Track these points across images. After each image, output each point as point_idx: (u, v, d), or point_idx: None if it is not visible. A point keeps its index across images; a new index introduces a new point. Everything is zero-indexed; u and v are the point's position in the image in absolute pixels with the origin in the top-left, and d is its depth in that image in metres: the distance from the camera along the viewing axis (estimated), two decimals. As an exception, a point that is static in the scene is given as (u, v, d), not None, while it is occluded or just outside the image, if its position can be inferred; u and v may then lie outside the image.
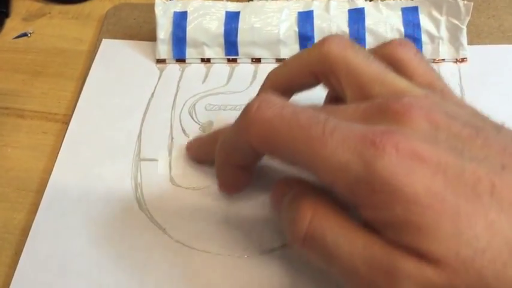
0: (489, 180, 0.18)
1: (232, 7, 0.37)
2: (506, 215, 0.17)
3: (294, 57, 0.27)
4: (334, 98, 0.27)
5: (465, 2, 0.35)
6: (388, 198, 0.18)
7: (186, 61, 0.37)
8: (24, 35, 0.42)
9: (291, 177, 0.25)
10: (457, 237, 0.17)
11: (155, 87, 0.36)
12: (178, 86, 0.36)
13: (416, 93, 0.22)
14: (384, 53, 0.24)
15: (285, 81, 0.27)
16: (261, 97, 0.22)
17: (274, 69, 0.28)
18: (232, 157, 0.26)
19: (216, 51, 0.37)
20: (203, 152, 0.31)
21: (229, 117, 0.33)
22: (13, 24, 0.44)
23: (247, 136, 0.22)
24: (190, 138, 0.33)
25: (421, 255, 0.18)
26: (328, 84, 0.25)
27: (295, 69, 0.26)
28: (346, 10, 0.36)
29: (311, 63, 0.25)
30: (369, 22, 0.36)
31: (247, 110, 0.22)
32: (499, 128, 0.20)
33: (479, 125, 0.20)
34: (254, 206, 0.29)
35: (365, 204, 0.19)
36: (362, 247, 0.19)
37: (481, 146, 0.19)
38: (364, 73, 0.23)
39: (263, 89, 0.29)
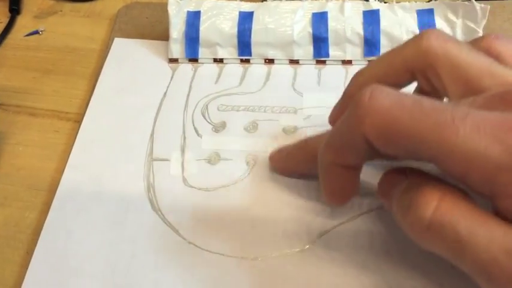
0: None
1: (246, 7, 0.37)
2: None
3: (388, 54, 0.26)
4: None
5: (482, 5, 0.34)
6: None
7: (199, 61, 0.37)
8: (36, 32, 0.42)
9: (405, 167, 0.23)
10: None
11: (167, 87, 0.36)
12: (190, 86, 0.36)
13: None
14: (481, 47, 0.23)
15: (377, 80, 0.25)
16: (370, 87, 0.21)
17: (364, 68, 0.27)
18: (342, 156, 0.23)
19: (229, 52, 0.37)
20: (291, 162, 0.30)
21: (243, 118, 0.33)
22: (24, 21, 0.43)
23: (363, 128, 0.20)
24: (203, 138, 0.33)
25: None
26: (424, 81, 0.24)
27: (390, 66, 0.25)
28: (361, 12, 0.36)
29: (408, 59, 0.24)
30: (383, 24, 0.35)
31: (358, 100, 0.20)
32: None
33: None
34: (269, 208, 0.29)
35: (505, 194, 0.18)
36: (502, 236, 0.18)
37: None
38: (470, 67, 0.22)
39: (353, 86, 0.27)
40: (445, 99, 0.24)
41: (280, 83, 0.36)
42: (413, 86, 0.26)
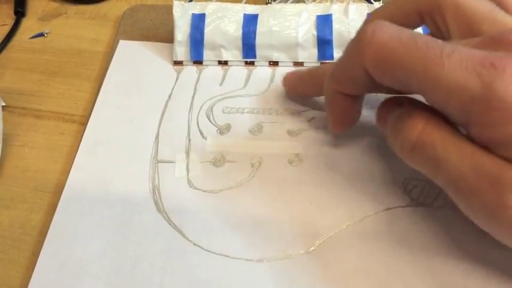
0: None
1: (251, 10, 0.37)
2: None
3: None
4: None
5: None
6: (505, 117, 0.19)
7: (203, 63, 0.37)
8: (41, 35, 0.42)
9: (400, 96, 0.25)
10: None
11: (172, 89, 0.36)
12: (195, 88, 0.36)
13: None
14: None
15: (389, 20, 0.25)
16: (374, 22, 0.23)
17: (377, 9, 0.28)
18: (344, 85, 0.26)
19: (233, 54, 0.37)
20: (302, 84, 0.33)
21: (247, 120, 0.34)
22: (29, 23, 0.44)
23: (362, 59, 0.23)
24: (208, 141, 0.33)
25: None
26: (432, 23, 0.25)
27: (402, 7, 0.26)
28: (365, 14, 0.36)
29: (418, 1, 0.25)
30: (388, 26, 0.35)
31: (361, 34, 0.23)
32: None
33: None
34: (274, 210, 0.29)
35: (478, 123, 0.20)
36: (471, 156, 0.21)
37: None
38: (473, 11, 0.23)
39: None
40: None
41: (285, 85, 0.36)
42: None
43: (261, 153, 0.32)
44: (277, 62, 0.37)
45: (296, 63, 0.37)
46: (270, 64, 0.37)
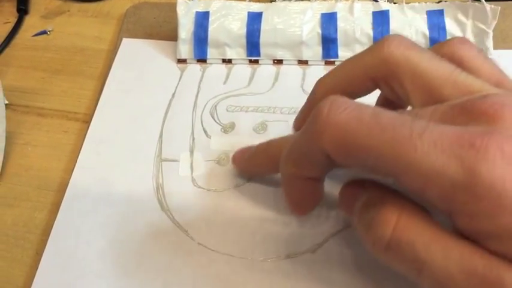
0: None
1: (255, 8, 0.37)
2: None
3: (349, 62, 0.25)
4: (387, 104, 0.25)
5: (492, 6, 0.34)
6: (494, 206, 0.16)
7: (207, 61, 0.37)
8: (44, 32, 0.42)
9: (363, 179, 0.22)
10: None
11: (176, 88, 0.36)
12: (199, 86, 0.36)
13: (495, 92, 0.20)
14: (444, 53, 0.22)
15: (339, 88, 0.24)
16: (329, 99, 0.20)
17: (325, 76, 0.26)
18: (302, 168, 0.23)
19: (237, 52, 0.37)
20: (253, 164, 0.29)
21: (251, 118, 0.33)
22: (32, 21, 0.44)
23: (321, 142, 0.20)
24: (212, 139, 0.33)
25: None
26: (387, 89, 0.23)
27: (351, 74, 0.24)
28: (371, 12, 0.36)
29: (370, 67, 0.23)
30: (393, 25, 0.35)
31: (316, 114, 0.20)
32: None
33: None
34: (278, 209, 0.29)
35: (464, 212, 0.17)
36: (458, 255, 0.18)
37: None
38: (431, 74, 0.21)
39: (316, 95, 0.27)
40: (409, 107, 0.24)
41: (289, 84, 0.36)
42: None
43: (266, 152, 0.32)
44: (282, 60, 0.37)
45: (300, 62, 0.36)
46: (274, 62, 0.37)
